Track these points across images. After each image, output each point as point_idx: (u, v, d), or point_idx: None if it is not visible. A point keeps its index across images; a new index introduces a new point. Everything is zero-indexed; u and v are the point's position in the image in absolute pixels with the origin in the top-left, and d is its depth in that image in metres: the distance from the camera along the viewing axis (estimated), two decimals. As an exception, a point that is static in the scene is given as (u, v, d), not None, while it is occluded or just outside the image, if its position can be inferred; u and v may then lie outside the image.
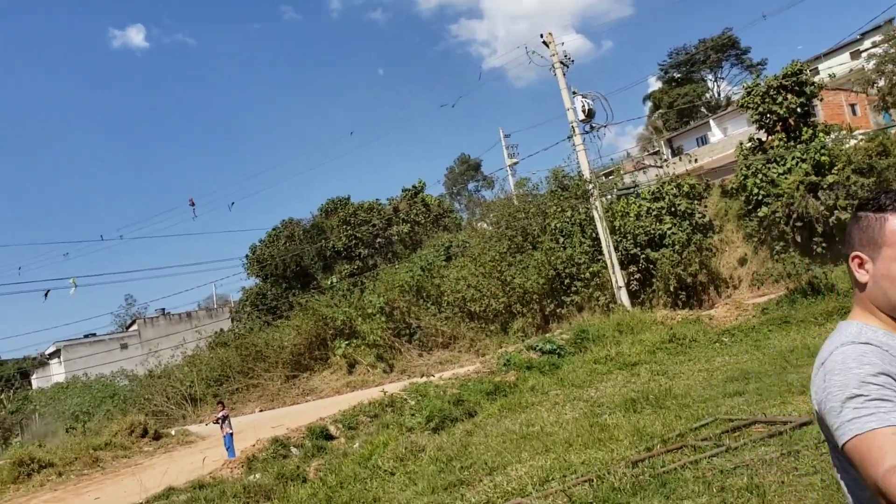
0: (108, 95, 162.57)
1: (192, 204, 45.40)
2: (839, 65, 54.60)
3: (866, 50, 55.35)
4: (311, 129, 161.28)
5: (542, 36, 31.10)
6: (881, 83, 46.11)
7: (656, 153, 61.08)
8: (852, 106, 50.21)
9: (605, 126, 29.33)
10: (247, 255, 52.68)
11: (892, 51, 45.70)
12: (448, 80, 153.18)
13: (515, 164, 49.65)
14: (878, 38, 53.27)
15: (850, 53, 61.26)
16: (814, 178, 25.66)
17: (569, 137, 29.63)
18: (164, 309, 67.86)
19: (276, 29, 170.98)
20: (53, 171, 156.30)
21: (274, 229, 52.59)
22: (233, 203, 52.33)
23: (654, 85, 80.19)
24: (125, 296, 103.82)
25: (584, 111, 28.95)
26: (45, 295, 36.74)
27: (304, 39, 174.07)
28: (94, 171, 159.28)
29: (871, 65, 48.65)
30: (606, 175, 38.76)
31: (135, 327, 67.76)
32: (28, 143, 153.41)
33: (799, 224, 25.95)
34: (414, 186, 51.39)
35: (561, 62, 30.51)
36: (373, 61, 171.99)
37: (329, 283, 41.05)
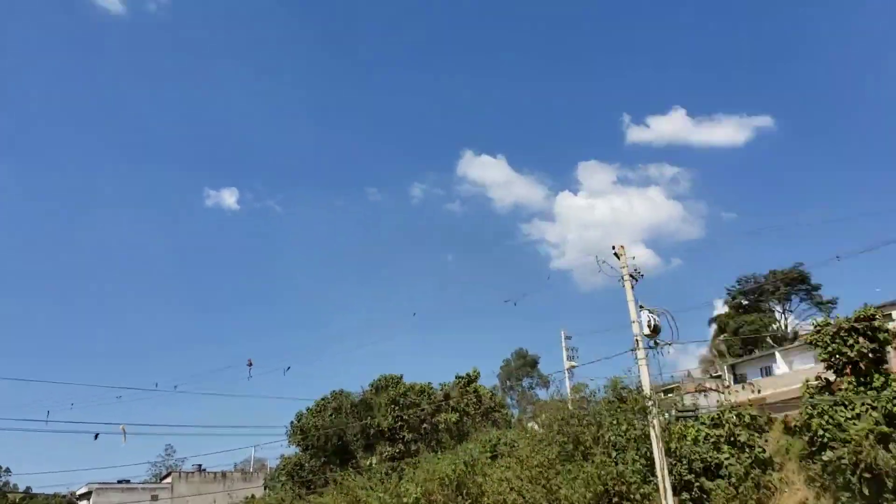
0: (193, 248, 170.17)
1: (250, 364, 45.96)
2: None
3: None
4: (376, 303, 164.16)
5: (613, 248, 31.71)
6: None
7: (718, 377, 59.81)
8: (926, 357, 48.78)
9: (669, 344, 29.06)
10: (291, 423, 52.23)
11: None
12: (514, 274, 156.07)
13: (574, 367, 49.17)
14: (954, 292, 52.51)
15: (925, 304, 60.33)
16: (885, 428, 24.57)
17: (632, 350, 29.37)
18: (200, 465, 66.98)
19: (360, 206, 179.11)
20: (122, 316, 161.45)
21: (322, 399, 52.35)
22: (288, 368, 52.63)
23: (720, 308, 79.93)
24: (165, 446, 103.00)
25: (649, 326, 28.83)
26: (95, 437, 37.31)
27: (383, 219, 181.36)
28: (162, 319, 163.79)
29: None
30: (665, 392, 37.93)
31: (169, 479, 66.79)
32: (102, 285, 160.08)
33: (867, 475, 24.55)
34: (468, 375, 51.01)
35: (630, 275, 30.84)
36: (444, 248, 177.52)
37: (368, 463, 40.11)
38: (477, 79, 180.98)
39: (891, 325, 31.09)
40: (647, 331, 28.89)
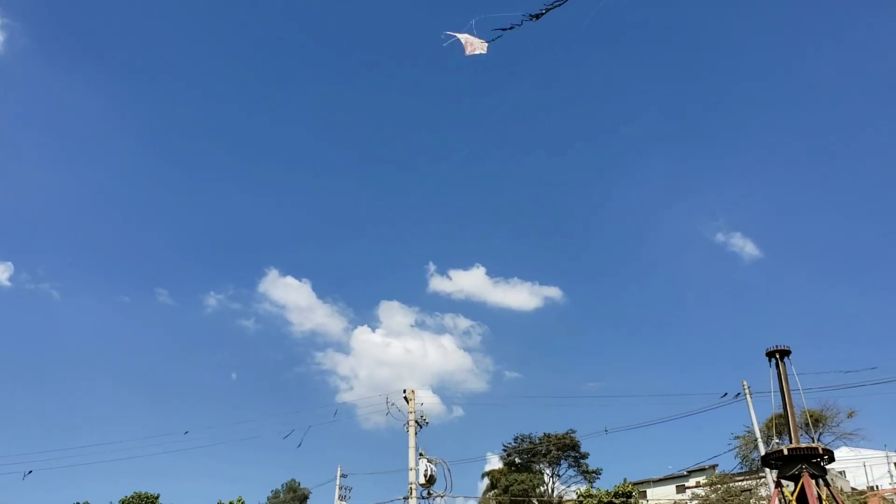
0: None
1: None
2: (666, 498, 57.56)
3: (691, 487, 58.93)
4: (146, 413, 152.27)
5: (404, 391, 32.05)
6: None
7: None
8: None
9: (442, 495, 29.24)
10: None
11: (713, 495, 48.89)
12: (299, 401, 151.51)
13: (344, 508, 47.84)
14: (702, 479, 57.13)
15: (676, 486, 64.95)
16: None
17: (404, 498, 29.23)
18: None
19: (147, 308, 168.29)
20: None
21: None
22: (30, 471, 47.34)
23: (495, 463, 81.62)
24: None
25: (426, 475, 28.97)
26: None
27: (170, 324, 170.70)
28: None
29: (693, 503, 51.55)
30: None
31: None
32: None
33: None
34: (231, 503, 48.28)
35: (416, 421, 31.14)
36: (230, 365, 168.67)
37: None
38: (293, 198, 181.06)
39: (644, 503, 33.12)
40: (423, 480, 28.99)
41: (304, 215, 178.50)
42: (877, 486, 58.74)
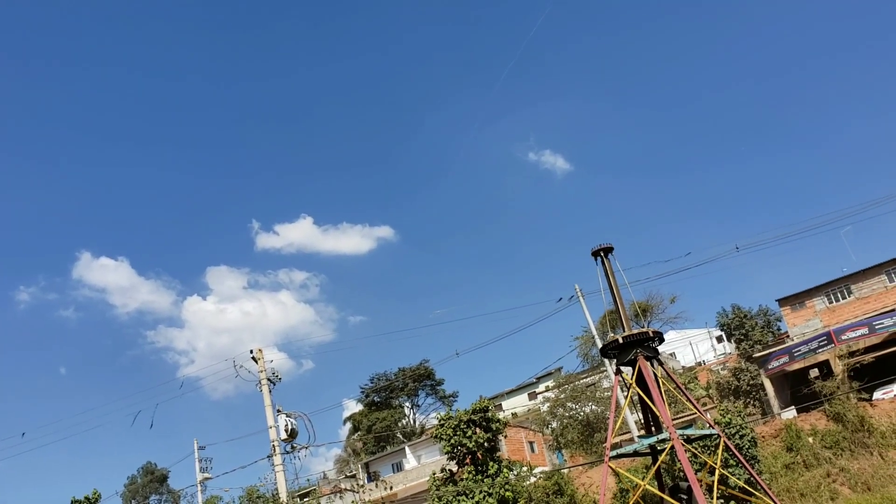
0: None
1: None
2: (521, 406, 60.32)
3: (541, 392, 62.10)
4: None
5: (251, 352, 31.37)
6: (554, 424, 51.37)
7: (353, 476, 60.91)
8: (531, 443, 54.84)
9: (306, 447, 29.14)
10: None
11: (562, 396, 51.72)
12: (139, 385, 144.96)
13: (208, 479, 46.66)
14: (550, 383, 60.27)
15: (528, 394, 68.20)
16: (499, 512, 26.91)
17: (268, 457, 28.89)
18: None
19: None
20: None
21: None
22: None
23: (355, 408, 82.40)
24: None
25: (286, 430, 28.71)
26: None
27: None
28: None
29: (546, 407, 54.36)
30: (302, 497, 37.61)
31: None
32: None
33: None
34: (87, 498, 45.70)
35: (269, 379, 30.63)
36: (56, 360, 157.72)
37: None
38: (92, 174, 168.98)
39: (501, 415, 34.59)
40: (284, 435, 28.71)
41: (110, 189, 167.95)
42: (703, 361, 64.34)
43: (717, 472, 23.08)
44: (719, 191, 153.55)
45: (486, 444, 29.64)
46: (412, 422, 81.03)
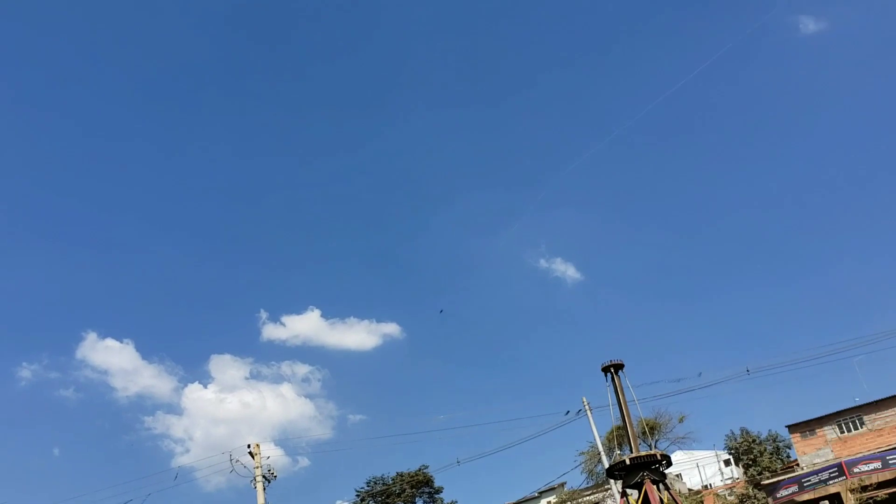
0: None
1: None
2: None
3: (542, 507, 60.31)
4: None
5: (248, 446, 30.81)
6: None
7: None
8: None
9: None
10: None
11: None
12: (132, 472, 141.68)
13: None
14: (553, 498, 58.67)
15: (528, 507, 66.11)
16: None
17: (257, 558, 27.94)
18: None
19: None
20: None
21: None
22: None
23: (350, 509, 80.00)
24: None
25: (278, 532, 27.85)
26: None
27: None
28: None
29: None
30: None
31: None
32: None
33: None
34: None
35: (264, 476, 29.98)
36: (51, 440, 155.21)
37: None
38: (105, 254, 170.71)
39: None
40: (275, 537, 27.86)
41: (120, 272, 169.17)
42: (710, 485, 62.62)
43: None
44: (732, 313, 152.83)
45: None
46: (407, 530, 78.49)
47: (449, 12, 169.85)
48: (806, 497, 40.99)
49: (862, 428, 44.71)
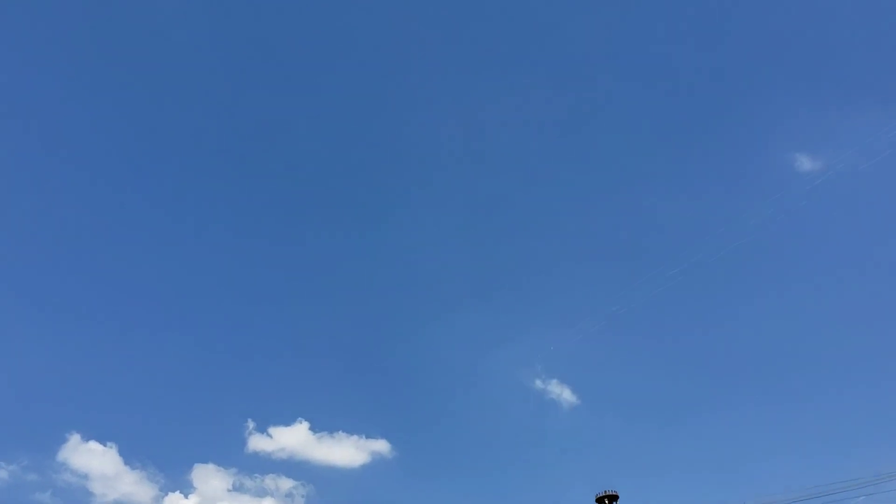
0: None
1: None
2: None
3: None
4: None
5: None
6: None
7: None
8: None
9: None
10: None
11: None
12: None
13: None
14: None
15: None
16: None
17: None
18: None
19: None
20: None
21: None
22: None
23: None
24: None
25: None
26: None
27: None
28: None
29: None
30: None
31: None
32: None
33: None
34: None
35: None
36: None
37: None
38: (90, 355, 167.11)
39: None
40: None
41: (109, 372, 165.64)
42: None
43: None
44: (730, 444, 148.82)
45: None
46: None
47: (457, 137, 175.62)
48: None
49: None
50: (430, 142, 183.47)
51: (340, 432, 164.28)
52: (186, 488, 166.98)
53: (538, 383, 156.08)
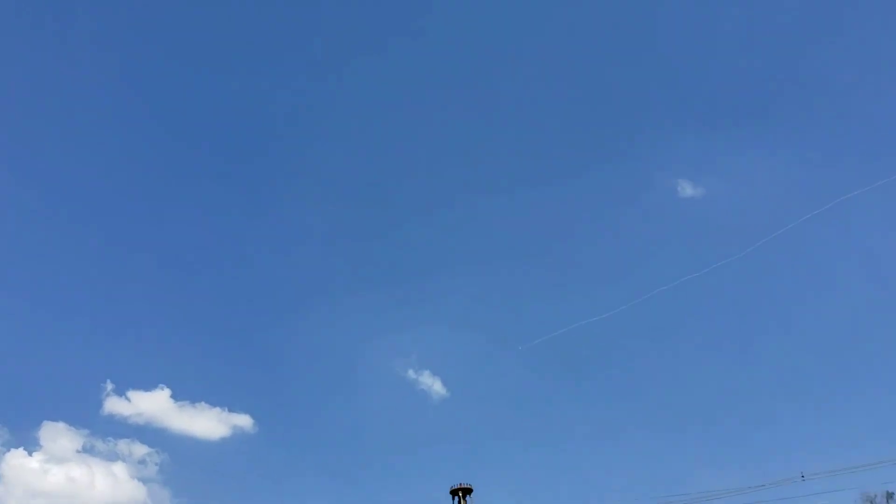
0: None
1: None
2: None
3: None
4: None
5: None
6: None
7: None
8: None
9: None
10: None
11: None
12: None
13: None
14: None
15: None
16: None
17: None
18: None
19: None
20: None
21: None
22: None
23: None
24: None
25: None
26: None
27: None
28: None
29: None
30: None
31: None
32: None
33: None
34: None
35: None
36: None
37: None
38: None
39: None
40: None
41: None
42: None
43: None
44: (594, 441, 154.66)
45: None
46: None
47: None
48: None
49: None
50: (319, 136, 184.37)
51: (203, 403, 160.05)
52: (32, 446, 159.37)
53: (411, 373, 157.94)
